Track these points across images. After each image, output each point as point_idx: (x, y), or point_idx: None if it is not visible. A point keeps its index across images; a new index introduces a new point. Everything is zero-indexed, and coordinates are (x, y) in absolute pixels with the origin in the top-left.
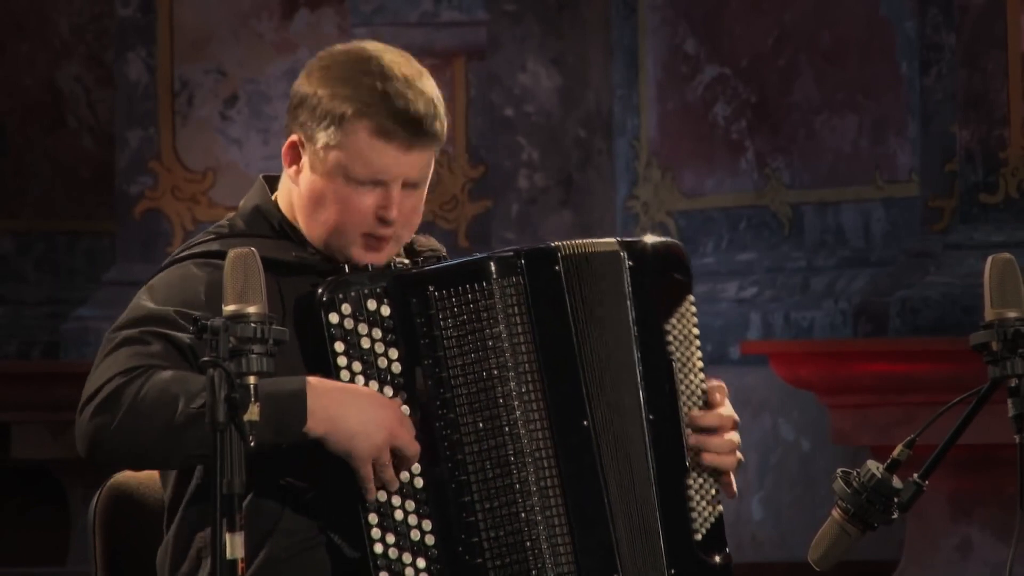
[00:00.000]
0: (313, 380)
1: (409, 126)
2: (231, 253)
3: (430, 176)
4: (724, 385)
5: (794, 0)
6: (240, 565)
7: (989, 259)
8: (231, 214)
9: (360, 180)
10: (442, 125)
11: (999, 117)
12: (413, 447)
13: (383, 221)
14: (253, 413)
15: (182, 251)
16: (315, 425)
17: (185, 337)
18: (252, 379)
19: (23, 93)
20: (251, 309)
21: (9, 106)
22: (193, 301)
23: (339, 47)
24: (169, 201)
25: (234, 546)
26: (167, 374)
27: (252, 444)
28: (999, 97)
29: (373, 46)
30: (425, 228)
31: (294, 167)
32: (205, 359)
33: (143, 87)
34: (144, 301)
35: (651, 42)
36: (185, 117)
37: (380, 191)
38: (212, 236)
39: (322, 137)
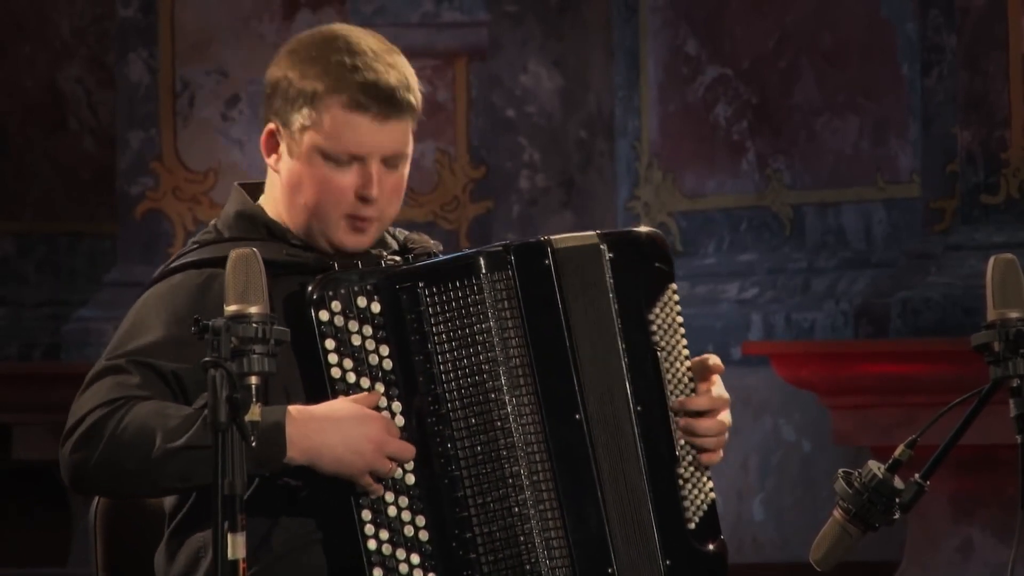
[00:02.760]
0: (293, 410)
1: (381, 97)
2: (233, 254)
3: (410, 154)
4: (719, 362)
5: (795, 2)
6: (241, 566)
7: (991, 260)
8: (212, 221)
9: (337, 158)
10: (416, 98)
11: (1000, 118)
12: (406, 451)
13: (365, 200)
14: (255, 413)
15: (169, 264)
16: (297, 454)
17: (169, 365)
18: (254, 379)
19: (24, 94)
20: (253, 309)
21: (10, 107)
22: (181, 317)
23: (307, 31)
24: (170, 202)
25: (235, 547)
26: (147, 407)
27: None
28: (1000, 98)
29: (340, 26)
30: (426, 229)
31: (274, 156)
32: (206, 359)
33: (144, 88)
34: (130, 326)
35: (652, 44)
36: (186, 118)
37: (359, 169)
38: (197, 245)
39: (297, 119)
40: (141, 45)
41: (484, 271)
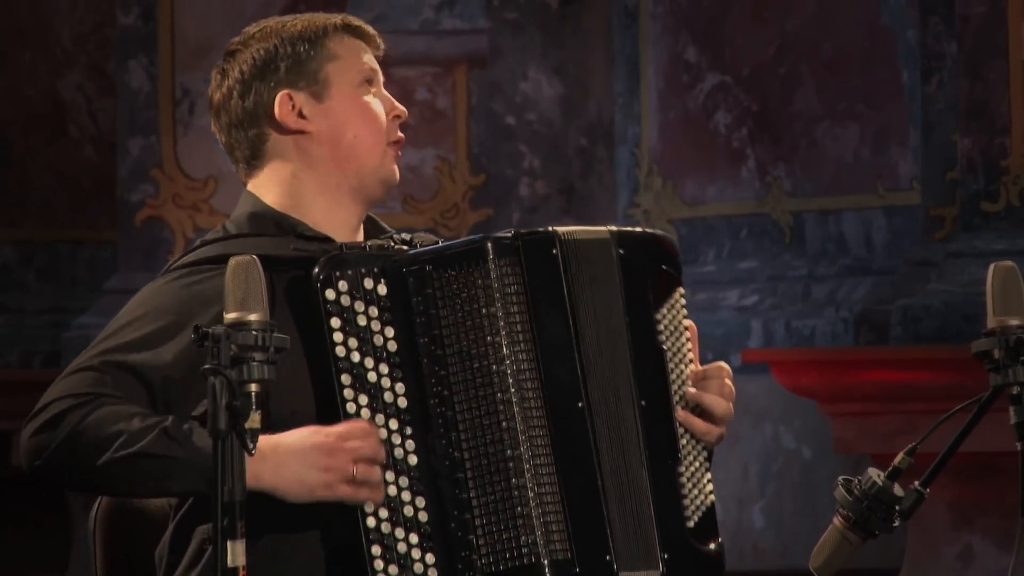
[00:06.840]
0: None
1: (359, 27)
2: (232, 261)
3: None
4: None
5: (795, 9)
6: (241, 573)
7: (991, 267)
8: (223, 222)
9: (362, 83)
10: None
11: (1000, 126)
12: (371, 448)
13: (397, 118)
14: (254, 421)
15: (179, 259)
16: (251, 479)
17: (153, 363)
18: (254, 386)
19: (25, 103)
20: (252, 317)
21: (11, 116)
22: (180, 314)
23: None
24: (170, 209)
25: (235, 554)
26: (112, 408)
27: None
28: (1000, 106)
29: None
30: None
31: (294, 121)
32: (206, 367)
33: (144, 96)
34: (124, 320)
35: (652, 51)
36: (186, 125)
37: (376, 93)
38: (207, 242)
39: (310, 65)
40: (141, 52)
41: (492, 256)
